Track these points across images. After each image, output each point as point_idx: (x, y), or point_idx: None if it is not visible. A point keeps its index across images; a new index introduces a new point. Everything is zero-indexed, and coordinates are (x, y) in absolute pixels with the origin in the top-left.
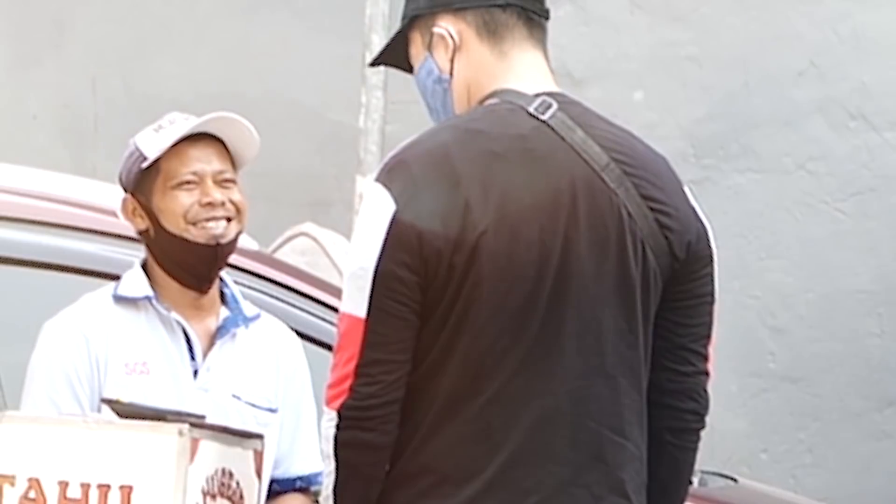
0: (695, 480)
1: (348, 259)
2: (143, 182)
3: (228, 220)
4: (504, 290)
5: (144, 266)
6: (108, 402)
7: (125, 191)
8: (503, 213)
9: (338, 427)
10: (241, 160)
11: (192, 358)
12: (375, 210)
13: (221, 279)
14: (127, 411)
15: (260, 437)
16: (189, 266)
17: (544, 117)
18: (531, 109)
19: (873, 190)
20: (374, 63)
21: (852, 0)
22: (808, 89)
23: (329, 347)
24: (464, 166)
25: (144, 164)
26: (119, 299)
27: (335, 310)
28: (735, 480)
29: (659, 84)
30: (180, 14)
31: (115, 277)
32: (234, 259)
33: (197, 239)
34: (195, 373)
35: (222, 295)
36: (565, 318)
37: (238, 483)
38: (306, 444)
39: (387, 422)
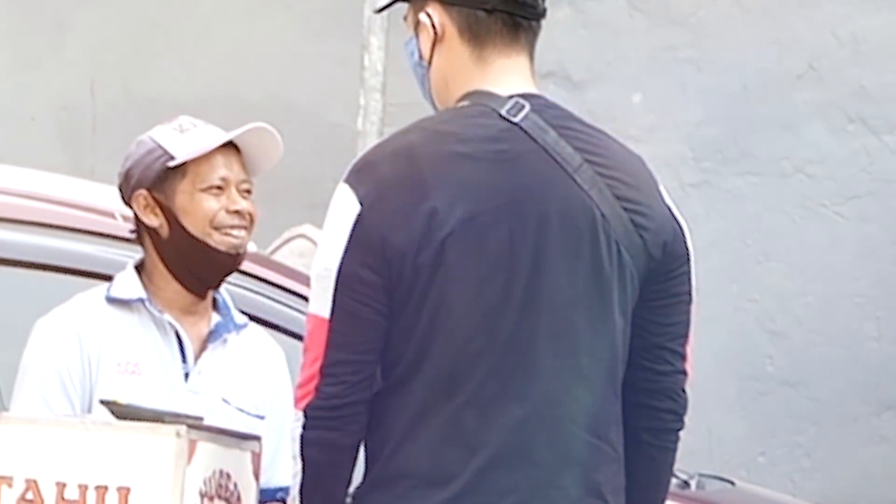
0: (692, 483)
1: (315, 260)
2: (165, 180)
3: (245, 229)
4: (474, 291)
5: (137, 267)
6: (106, 403)
7: (137, 188)
8: (471, 214)
9: (304, 427)
10: (255, 170)
11: (184, 361)
12: (341, 211)
13: None
14: (124, 413)
15: (257, 438)
16: (201, 271)
17: (516, 119)
18: (503, 112)
19: (872, 193)
20: (379, 10)
21: (851, 4)
22: (806, 93)
23: None
24: (431, 167)
25: (172, 164)
26: (112, 300)
27: None
28: (732, 483)
29: (658, 87)
30: (179, 16)
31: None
32: None
33: (218, 246)
34: (186, 375)
35: (214, 301)
36: (539, 319)
37: (236, 485)
38: (289, 456)
39: (352, 422)
